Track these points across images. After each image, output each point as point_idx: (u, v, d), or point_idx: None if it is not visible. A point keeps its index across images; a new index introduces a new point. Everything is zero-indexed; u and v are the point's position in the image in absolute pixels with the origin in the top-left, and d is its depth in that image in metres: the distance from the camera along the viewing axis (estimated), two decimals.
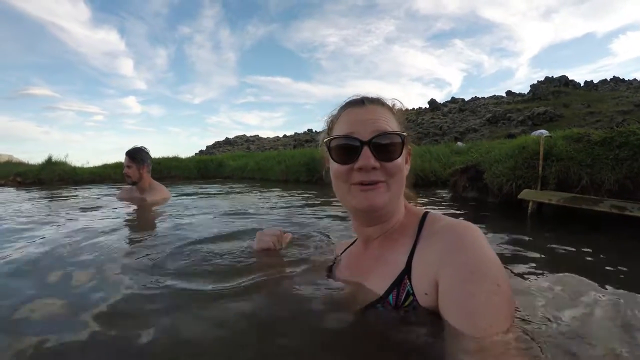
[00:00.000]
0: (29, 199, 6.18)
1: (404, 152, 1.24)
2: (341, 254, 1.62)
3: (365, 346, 1.11)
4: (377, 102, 1.29)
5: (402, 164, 1.23)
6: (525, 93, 27.37)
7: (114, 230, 2.94)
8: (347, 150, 1.21)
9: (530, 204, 3.86)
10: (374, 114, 1.23)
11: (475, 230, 1.09)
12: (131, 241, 2.60)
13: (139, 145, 4.79)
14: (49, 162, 13.06)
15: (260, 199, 6.01)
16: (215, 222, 3.40)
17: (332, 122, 1.35)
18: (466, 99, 30.24)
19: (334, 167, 1.26)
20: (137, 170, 4.61)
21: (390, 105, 1.32)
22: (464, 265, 0.99)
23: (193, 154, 15.28)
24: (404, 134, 1.22)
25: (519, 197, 3.98)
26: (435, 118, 25.98)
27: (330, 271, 1.58)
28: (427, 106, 30.27)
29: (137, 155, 4.61)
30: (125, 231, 2.96)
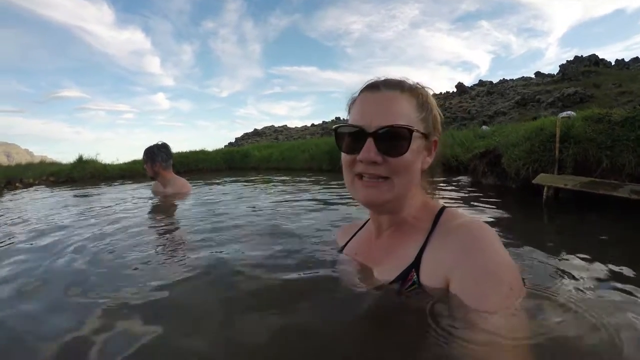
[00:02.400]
0: (61, 197, 6.40)
1: (415, 146, 1.13)
2: (350, 239, 1.58)
3: (366, 328, 1.12)
4: (396, 87, 1.17)
5: (411, 160, 1.13)
6: (555, 74, 26.15)
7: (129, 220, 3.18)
8: (352, 139, 1.16)
9: (546, 188, 3.68)
10: (387, 102, 1.14)
11: (490, 232, 1.07)
12: (142, 227, 2.82)
13: (160, 142, 4.87)
14: (80, 161, 13.47)
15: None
16: (213, 215, 3.42)
17: (350, 107, 1.28)
18: (494, 82, 29.42)
19: (342, 156, 1.22)
20: (151, 168, 4.75)
21: (413, 90, 1.19)
22: (479, 267, 0.98)
23: (222, 146, 15.37)
24: (414, 128, 1.11)
25: (533, 181, 3.81)
26: (463, 102, 25.28)
27: (334, 259, 1.57)
28: (455, 90, 29.59)
29: (147, 153, 4.76)
30: (142, 220, 3.24)
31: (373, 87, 1.19)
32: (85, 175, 12.47)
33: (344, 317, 1.16)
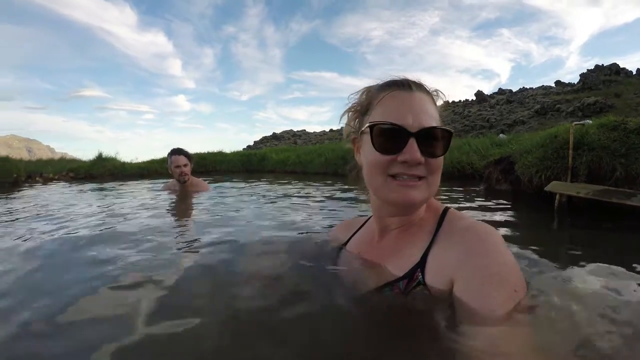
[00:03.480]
0: (78, 191, 6.62)
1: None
2: (352, 235, 1.57)
3: (370, 325, 1.12)
4: (423, 89, 1.19)
5: (442, 161, 1.16)
6: (575, 83, 25.57)
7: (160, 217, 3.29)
8: (391, 139, 1.12)
9: (558, 196, 3.62)
10: (422, 103, 1.15)
11: (495, 234, 1.07)
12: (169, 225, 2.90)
13: (175, 147, 5.06)
14: (100, 158, 13.80)
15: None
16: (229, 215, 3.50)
17: (369, 102, 1.24)
18: (514, 90, 28.80)
19: (372, 155, 1.16)
20: (190, 169, 5.01)
21: (433, 95, 1.23)
22: (484, 268, 0.98)
23: (241, 149, 15.54)
24: (452, 130, 1.14)
25: (545, 189, 3.75)
26: (482, 110, 24.99)
27: (337, 255, 1.55)
28: (474, 98, 29.29)
29: (189, 153, 5.01)
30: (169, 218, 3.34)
31: (404, 86, 1.17)
32: (104, 172, 12.77)
33: (348, 316, 1.17)
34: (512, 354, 0.86)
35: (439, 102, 1.24)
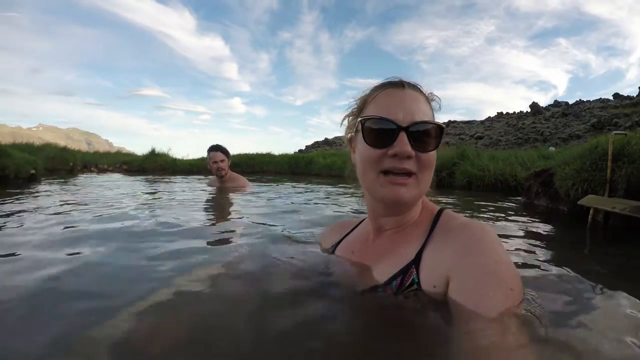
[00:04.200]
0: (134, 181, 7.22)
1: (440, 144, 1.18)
2: (342, 238, 1.58)
3: (362, 325, 1.13)
4: (417, 88, 1.23)
5: (434, 157, 1.18)
6: (635, 96, 23.70)
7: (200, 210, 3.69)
8: (382, 133, 1.15)
9: (592, 211, 3.31)
10: (414, 100, 1.18)
11: (491, 233, 1.08)
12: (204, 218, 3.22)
13: (214, 144, 5.38)
14: (152, 154, 14.65)
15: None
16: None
17: (364, 102, 1.28)
18: (570, 103, 27.29)
19: (364, 150, 1.19)
20: (228, 164, 5.33)
21: (427, 95, 1.25)
22: (480, 266, 0.99)
23: (292, 152, 15.97)
24: (444, 125, 1.16)
25: (579, 202, 3.46)
26: (536, 123, 23.86)
27: (329, 255, 1.57)
28: (529, 110, 28.07)
29: (226, 150, 5.32)
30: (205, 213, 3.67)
31: (397, 84, 1.21)
32: (155, 166, 13.53)
33: (342, 316, 1.17)
34: (507, 353, 0.86)
35: (436, 106, 1.28)
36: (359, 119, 1.21)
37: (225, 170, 5.32)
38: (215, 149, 5.29)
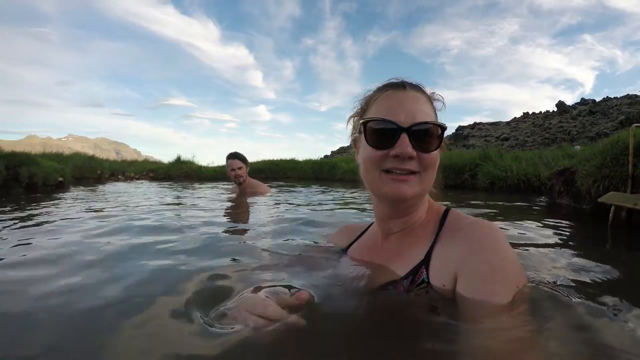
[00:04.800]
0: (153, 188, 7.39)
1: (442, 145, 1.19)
2: (353, 241, 1.58)
3: (372, 324, 1.12)
4: (418, 89, 1.23)
5: (437, 157, 1.18)
6: None
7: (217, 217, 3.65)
8: (384, 134, 1.16)
9: (613, 209, 3.17)
10: (415, 101, 1.18)
11: (498, 231, 1.09)
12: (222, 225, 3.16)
13: (232, 151, 5.42)
14: (178, 161, 14.98)
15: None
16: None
17: (367, 103, 1.29)
18: (597, 100, 26.32)
19: (366, 151, 1.20)
20: (246, 171, 5.35)
21: (429, 96, 1.26)
22: (487, 264, 1.01)
23: (318, 158, 16.01)
24: (445, 125, 1.17)
25: (599, 200, 3.31)
26: (563, 122, 23.10)
27: (339, 259, 1.55)
28: (555, 109, 27.28)
29: (244, 157, 5.36)
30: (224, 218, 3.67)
31: (399, 86, 1.22)
32: (181, 173, 13.82)
33: (352, 315, 1.16)
34: (513, 349, 0.87)
35: (439, 106, 1.28)
36: (361, 121, 1.23)
37: (243, 177, 5.36)
38: (233, 156, 5.33)
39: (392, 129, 1.13)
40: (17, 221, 3.12)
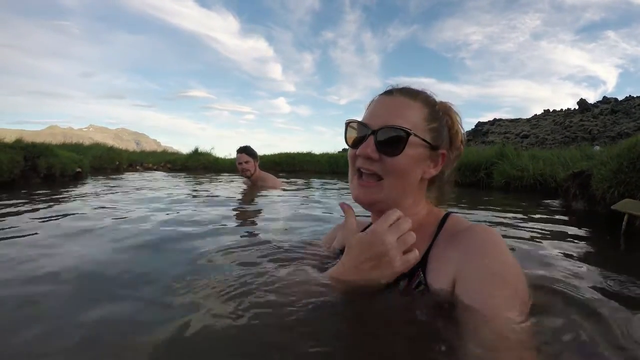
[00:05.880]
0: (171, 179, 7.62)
1: (413, 152, 1.17)
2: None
3: (369, 326, 1.12)
4: (409, 94, 1.24)
5: (406, 164, 1.18)
6: None
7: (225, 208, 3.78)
8: (357, 135, 1.24)
9: (626, 217, 3.05)
10: (396, 106, 1.21)
11: (497, 236, 1.09)
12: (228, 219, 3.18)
13: (243, 144, 5.48)
14: (195, 153, 15.13)
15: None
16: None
17: (367, 107, 1.33)
18: (619, 99, 25.59)
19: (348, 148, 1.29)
20: (254, 165, 5.38)
21: (427, 101, 1.26)
22: (485, 267, 1.00)
23: (336, 152, 15.96)
24: (412, 132, 1.15)
25: (612, 207, 3.20)
26: (584, 120, 22.56)
27: (337, 257, 1.53)
28: (577, 107, 26.65)
29: (252, 151, 5.39)
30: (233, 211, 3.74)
31: (388, 92, 1.28)
32: (198, 165, 13.95)
33: (347, 317, 1.17)
34: (511, 354, 0.88)
35: (435, 109, 1.26)
36: (345, 122, 1.30)
37: (249, 171, 5.41)
38: (241, 150, 5.39)
39: (363, 131, 1.20)
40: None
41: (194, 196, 4.87)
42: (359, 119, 1.26)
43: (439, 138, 1.23)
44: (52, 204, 3.83)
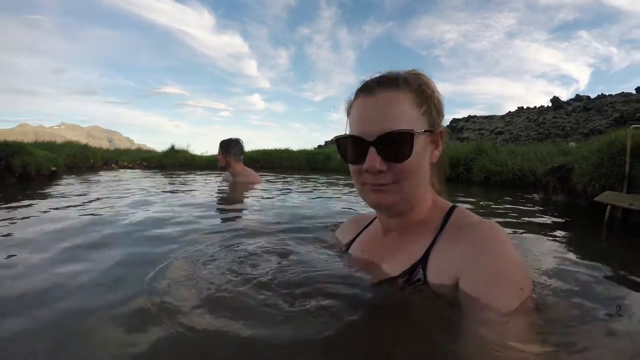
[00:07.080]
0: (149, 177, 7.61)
1: (419, 146, 1.13)
2: (356, 236, 1.56)
3: (368, 322, 1.10)
4: (391, 85, 1.15)
5: (417, 162, 1.13)
6: None
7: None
8: (354, 149, 1.17)
9: (609, 208, 3.17)
10: (384, 106, 1.12)
11: (502, 232, 1.07)
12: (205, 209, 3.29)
13: (234, 137, 5.49)
14: (172, 150, 14.86)
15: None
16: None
17: (350, 107, 1.26)
18: (592, 97, 26.42)
19: (349, 165, 1.23)
20: (223, 158, 5.36)
21: (409, 84, 1.16)
22: (490, 266, 0.99)
23: (312, 148, 15.82)
24: (414, 130, 1.10)
25: (595, 199, 3.33)
26: (557, 117, 23.28)
27: (341, 253, 1.56)
28: (550, 104, 27.41)
29: (224, 144, 5.39)
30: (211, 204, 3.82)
31: (368, 90, 1.17)
32: (174, 162, 13.73)
33: (346, 312, 1.13)
34: (515, 352, 0.86)
35: (419, 89, 1.17)
36: (333, 138, 1.27)
37: (219, 162, 5.45)
38: (219, 143, 5.48)
39: (360, 144, 1.13)
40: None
41: (173, 193, 4.85)
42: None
43: (432, 118, 1.17)
44: (32, 202, 3.75)
